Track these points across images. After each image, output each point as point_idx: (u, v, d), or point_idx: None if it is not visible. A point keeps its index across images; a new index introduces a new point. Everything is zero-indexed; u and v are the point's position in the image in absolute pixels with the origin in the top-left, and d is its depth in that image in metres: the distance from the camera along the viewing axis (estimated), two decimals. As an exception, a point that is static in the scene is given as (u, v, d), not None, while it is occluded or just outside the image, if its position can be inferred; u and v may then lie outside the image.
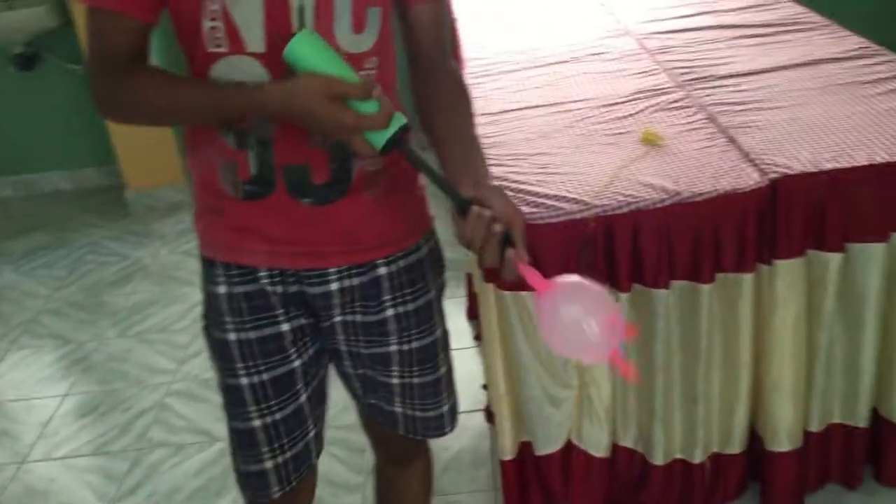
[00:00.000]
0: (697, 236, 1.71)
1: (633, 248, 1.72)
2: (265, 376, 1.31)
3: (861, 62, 2.26)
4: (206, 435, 2.50)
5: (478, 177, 1.17)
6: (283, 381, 1.33)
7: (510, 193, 1.82)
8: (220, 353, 1.33)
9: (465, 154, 1.21)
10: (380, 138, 1.09)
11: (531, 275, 1.10)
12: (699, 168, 1.81)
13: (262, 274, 1.27)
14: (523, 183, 1.86)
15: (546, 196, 1.78)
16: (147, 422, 2.61)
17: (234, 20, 1.10)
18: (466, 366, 2.62)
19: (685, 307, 1.77)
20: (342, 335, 1.35)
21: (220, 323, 1.31)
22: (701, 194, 1.71)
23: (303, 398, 1.36)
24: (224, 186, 1.23)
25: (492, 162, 1.99)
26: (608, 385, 1.84)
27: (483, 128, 2.21)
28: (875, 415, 1.91)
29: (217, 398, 1.39)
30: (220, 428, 1.96)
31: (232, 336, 1.30)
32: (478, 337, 2.72)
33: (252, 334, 1.30)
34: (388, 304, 1.32)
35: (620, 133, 2.06)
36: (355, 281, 1.29)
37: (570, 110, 2.24)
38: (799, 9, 2.83)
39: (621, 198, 1.74)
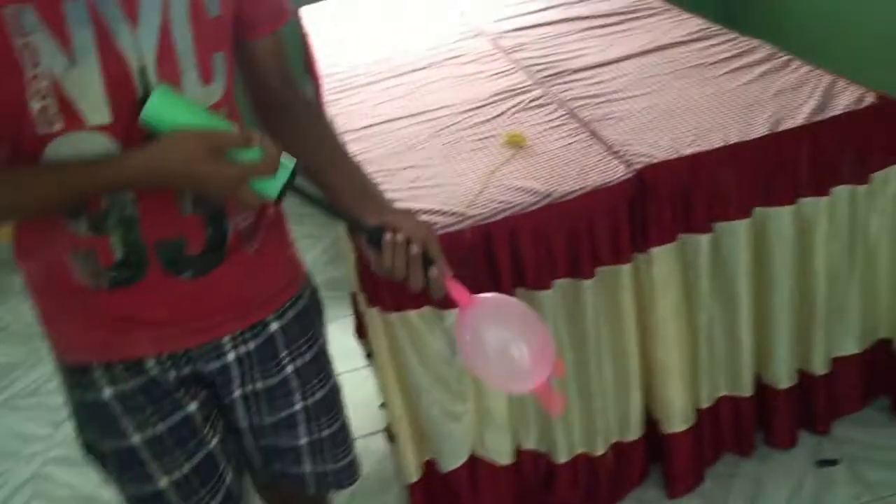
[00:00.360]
0: (573, 234, 1.72)
1: (512, 253, 1.71)
2: (186, 468, 1.20)
3: (704, 43, 2.34)
4: (93, 502, 2.35)
5: (378, 202, 1.14)
6: (205, 466, 1.22)
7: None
8: (123, 464, 1.19)
9: (356, 183, 1.17)
10: (272, 186, 1.00)
11: (457, 290, 1.07)
12: (566, 166, 1.83)
13: (149, 363, 1.15)
14: (395, 200, 1.81)
15: (421, 211, 1.75)
16: (26, 497, 2.42)
17: (69, 94, 0.97)
18: (361, 386, 2.57)
19: (570, 305, 1.78)
20: (242, 411, 1.25)
21: (114, 431, 1.17)
22: (571, 192, 1.72)
23: (228, 479, 1.26)
24: (81, 280, 1.09)
25: (360, 181, 1.95)
26: (503, 393, 1.83)
27: (347, 145, 2.16)
28: (758, 383, 1.98)
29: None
30: (107, 493, 1.84)
31: (136, 439, 1.17)
32: (369, 355, 2.67)
33: (160, 427, 1.17)
34: (286, 361, 1.25)
35: (485, 138, 2.05)
36: (251, 346, 1.21)
37: (434, 119, 2.23)
38: (640, -6, 2.91)
39: (495, 205, 1.73)
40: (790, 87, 1.97)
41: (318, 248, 3.40)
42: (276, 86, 1.21)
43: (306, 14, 3.54)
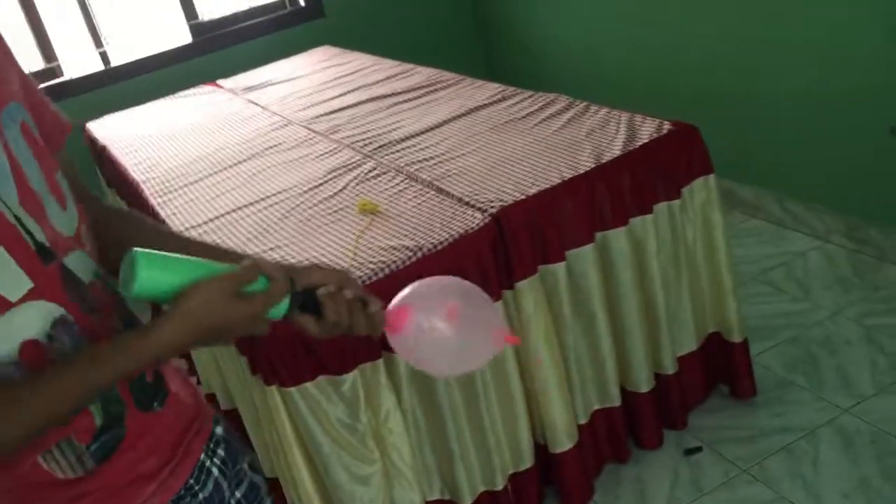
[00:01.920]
0: (447, 282, 1.84)
1: (395, 309, 1.79)
2: None
3: (508, 102, 2.59)
4: None
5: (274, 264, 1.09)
6: None
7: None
8: None
9: (221, 254, 1.10)
10: (281, 306, 0.98)
11: (391, 316, 1.07)
12: (426, 221, 1.95)
13: None
14: (271, 279, 1.85)
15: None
16: None
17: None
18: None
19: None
20: None
21: None
22: (440, 243, 1.84)
23: None
24: (59, 476, 0.96)
25: (227, 269, 1.95)
26: (407, 444, 1.88)
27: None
28: (623, 391, 2.18)
29: None
30: None
31: None
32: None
33: None
34: (244, 460, 1.21)
35: (336, 211, 2.14)
36: (220, 452, 1.14)
37: (277, 202, 2.28)
38: (432, 70, 3.16)
39: (371, 266, 1.81)
40: (597, 126, 2.24)
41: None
42: (85, 197, 1.10)
43: (93, 127, 3.46)
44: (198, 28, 4.13)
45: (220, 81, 3.81)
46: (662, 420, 2.26)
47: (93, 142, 3.41)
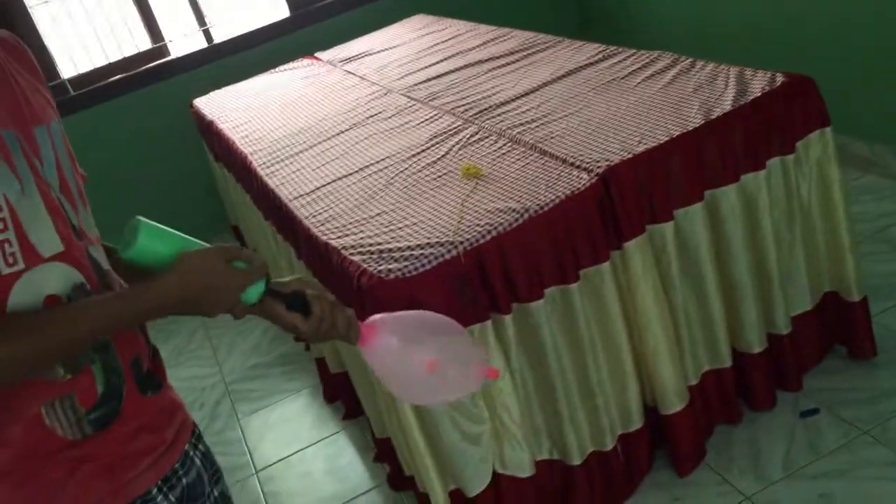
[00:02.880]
0: (555, 243, 1.83)
1: (503, 270, 1.81)
2: None
3: (610, 62, 2.55)
4: None
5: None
6: None
7: (370, 255, 1.85)
8: None
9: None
10: (254, 291, 1.09)
11: (365, 327, 1.19)
12: (531, 183, 1.95)
13: (154, 493, 1.08)
14: (380, 243, 1.89)
15: (409, 248, 1.82)
16: None
17: (24, 224, 0.95)
18: (344, 450, 2.57)
19: (561, 310, 1.88)
20: None
21: None
22: (546, 204, 1.84)
23: None
24: (62, 435, 1.00)
25: (337, 234, 2.00)
26: (515, 404, 1.90)
27: (304, 208, 2.21)
28: (734, 352, 2.14)
29: None
30: None
31: None
32: (346, 416, 2.68)
33: None
34: (218, 469, 1.26)
35: (440, 176, 2.15)
36: (201, 447, 1.20)
37: (380, 170, 2.31)
38: (528, 33, 3.12)
39: (479, 228, 1.82)
40: (705, 82, 2.18)
41: (258, 331, 3.37)
42: None
43: (199, 104, 3.57)
44: (295, 2, 4.19)
45: (317, 54, 3.87)
46: (776, 381, 2.20)
47: (199, 117, 3.52)
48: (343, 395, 2.61)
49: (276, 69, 3.82)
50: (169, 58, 4.05)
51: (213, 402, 3.04)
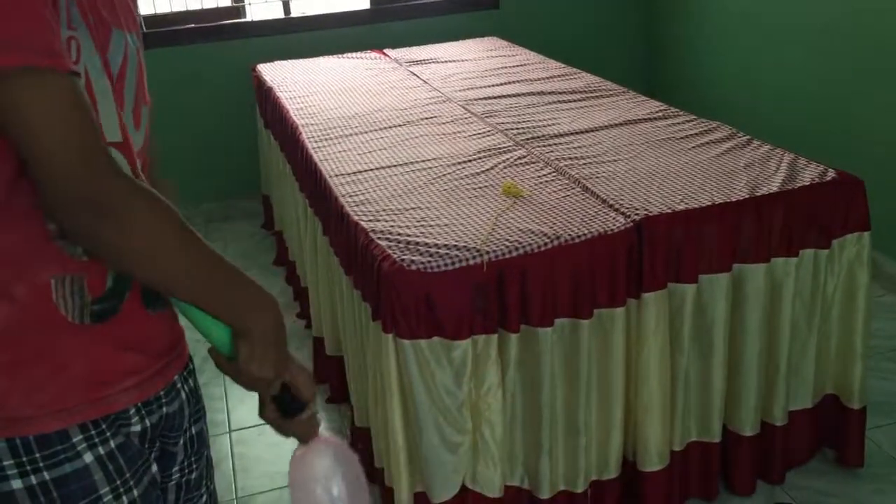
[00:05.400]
0: (576, 276, 1.85)
1: (520, 290, 1.82)
2: None
3: (669, 121, 2.57)
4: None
5: None
6: None
7: (396, 243, 1.86)
8: None
9: None
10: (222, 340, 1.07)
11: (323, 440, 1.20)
12: (568, 214, 1.97)
13: (132, 414, 1.04)
14: (409, 235, 1.91)
15: (436, 245, 1.84)
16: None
17: (97, 102, 0.95)
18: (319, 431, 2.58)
19: (567, 343, 1.89)
20: (182, 459, 1.16)
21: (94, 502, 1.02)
22: (578, 237, 1.86)
23: None
24: (64, 313, 0.97)
25: (369, 217, 2.03)
26: (500, 423, 1.90)
27: (342, 187, 2.24)
28: (725, 430, 2.13)
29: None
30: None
31: None
32: (329, 399, 2.68)
33: (136, 491, 1.04)
34: (202, 409, 1.22)
35: (481, 187, 2.18)
36: (190, 383, 1.16)
37: (424, 168, 2.34)
38: (595, 78, 3.16)
39: (507, 243, 1.84)
40: (757, 161, 2.20)
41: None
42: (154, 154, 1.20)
43: (263, 69, 3.63)
44: (378, -3, 4.26)
45: (387, 50, 3.92)
46: (759, 469, 2.19)
47: (260, 82, 3.57)
48: (332, 379, 2.62)
49: (344, 55, 3.87)
50: (244, 19, 4.12)
51: (202, 357, 3.04)
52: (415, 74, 3.44)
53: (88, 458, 0.99)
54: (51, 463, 0.97)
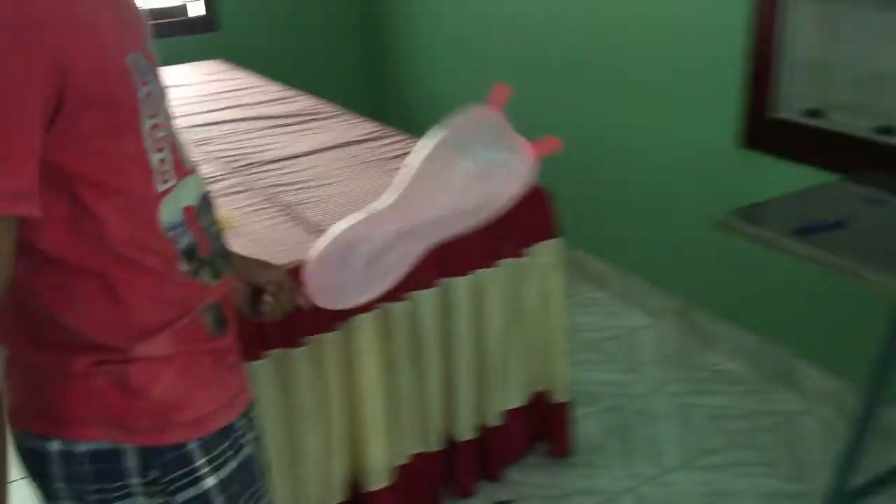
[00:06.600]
0: (284, 305, 1.85)
1: (227, 324, 1.79)
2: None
3: (381, 142, 2.65)
4: None
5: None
6: None
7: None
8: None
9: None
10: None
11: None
12: (271, 244, 1.96)
13: (238, 421, 1.14)
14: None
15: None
16: None
17: (179, 142, 1.03)
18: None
19: (282, 373, 1.89)
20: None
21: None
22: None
23: None
24: (210, 334, 1.09)
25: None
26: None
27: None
28: (446, 438, 2.23)
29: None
30: None
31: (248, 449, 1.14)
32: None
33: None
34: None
35: (188, 220, 2.12)
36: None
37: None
38: (314, 100, 3.19)
39: (210, 278, 1.80)
40: (458, 179, 2.32)
41: None
42: None
43: None
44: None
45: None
46: (480, 470, 2.32)
47: None
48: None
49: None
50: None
51: None
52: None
53: (249, 449, 1.12)
54: (232, 454, 1.08)
